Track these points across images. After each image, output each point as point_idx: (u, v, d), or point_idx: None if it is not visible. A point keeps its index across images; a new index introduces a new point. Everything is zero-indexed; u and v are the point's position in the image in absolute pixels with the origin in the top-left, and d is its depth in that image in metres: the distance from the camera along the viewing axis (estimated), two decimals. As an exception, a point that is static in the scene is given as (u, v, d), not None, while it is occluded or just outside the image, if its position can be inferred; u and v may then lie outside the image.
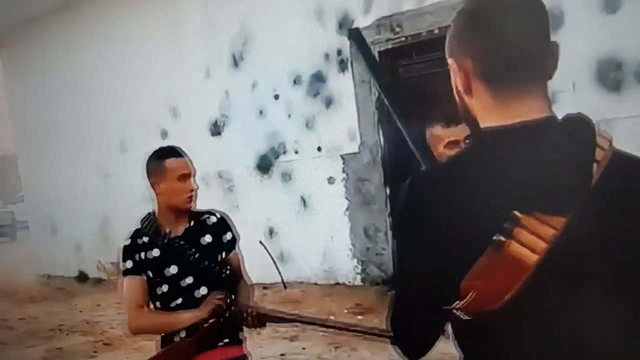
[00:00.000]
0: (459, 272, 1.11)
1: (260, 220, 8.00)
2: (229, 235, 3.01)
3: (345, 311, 6.36)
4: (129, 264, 2.85)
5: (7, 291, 10.51)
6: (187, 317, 2.73)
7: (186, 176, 3.04)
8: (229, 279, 2.91)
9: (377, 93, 6.74)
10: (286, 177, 7.74)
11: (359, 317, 6.11)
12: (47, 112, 10.85)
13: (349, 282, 7.18)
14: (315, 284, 7.47)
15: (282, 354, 5.42)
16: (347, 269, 7.22)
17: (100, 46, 9.72)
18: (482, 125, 1.21)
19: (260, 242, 7.91)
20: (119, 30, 9.41)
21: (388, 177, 6.76)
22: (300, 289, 7.42)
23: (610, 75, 5.29)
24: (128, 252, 2.88)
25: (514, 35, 1.16)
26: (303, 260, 7.60)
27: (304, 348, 5.51)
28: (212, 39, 8.32)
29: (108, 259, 10.18)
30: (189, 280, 2.82)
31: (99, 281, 10.21)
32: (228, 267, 2.92)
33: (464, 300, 1.11)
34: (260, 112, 7.93)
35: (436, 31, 6.17)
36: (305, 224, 7.58)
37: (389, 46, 6.63)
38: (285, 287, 7.55)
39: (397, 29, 6.49)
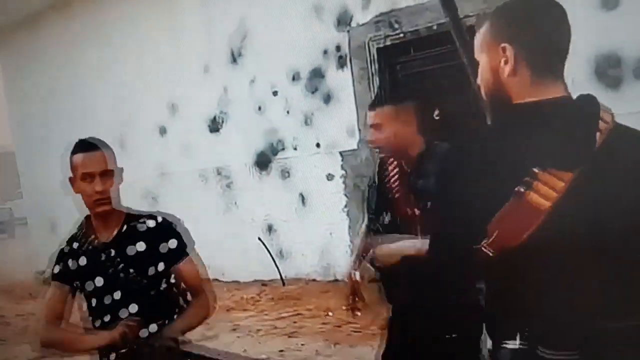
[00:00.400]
0: (486, 218, 1.42)
1: (259, 217, 8.02)
2: (172, 244, 2.55)
3: (344, 308, 6.36)
4: (56, 269, 2.57)
5: (4, 288, 10.53)
6: (91, 340, 2.41)
7: (90, 175, 2.55)
8: (166, 296, 2.48)
9: (375, 89, 6.75)
10: (285, 173, 7.75)
11: (358, 313, 6.12)
12: (45, 109, 10.85)
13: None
14: (314, 280, 7.49)
15: (280, 350, 5.42)
16: (346, 266, 7.21)
17: (99, 43, 9.71)
18: (516, 100, 1.52)
19: (259, 239, 7.98)
20: (117, 27, 9.41)
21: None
22: (299, 285, 7.44)
23: (609, 71, 5.29)
24: (60, 256, 2.61)
25: (556, 32, 1.54)
26: (302, 257, 7.62)
27: (302, 344, 5.53)
28: (211, 35, 8.33)
29: (106, 255, 10.22)
30: (117, 295, 2.44)
31: (97, 278, 10.22)
32: (168, 281, 2.49)
33: (490, 239, 1.42)
34: (259, 108, 7.93)
35: (435, 27, 6.17)
36: (304, 221, 7.59)
37: (388, 43, 6.63)
38: (284, 283, 7.59)
39: (396, 26, 6.49)
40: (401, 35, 6.50)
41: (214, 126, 8.49)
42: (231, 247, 8.32)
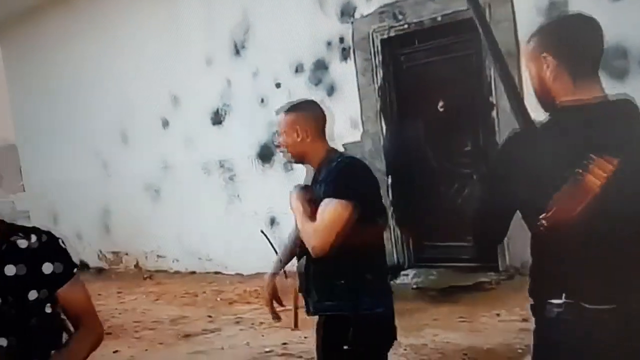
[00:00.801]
0: (543, 199, 1.72)
1: (262, 210, 8.02)
2: (55, 267, 2.04)
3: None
4: None
5: (7, 281, 10.55)
6: None
7: None
8: (52, 323, 2.04)
9: (379, 82, 6.75)
10: (288, 166, 7.74)
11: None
12: (48, 102, 10.86)
13: (350, 270, 7.20)
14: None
15: (283, 343, 5.43)
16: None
17: (101, 35, 9.71)
18: (559, 101, 1.86)
19: (262, 232, 7.91)
20: (119, 20, 9.42)
21: (390, 167, 6.76)
22: (302, 278, 7.44)
23: (615, 63, 5.28)
24: None
25: (589, 42, 1.86)
26: (304, 249, 7.62)
27: (305, 337, 5.53)
28: (214, 27, 8.33)
29: (109, 248, 10.25)
30: None
31: (99, 271, 10.25)
32: (53, 306, 2.03)
33: (549, 213, 1.71)
34: (262, 100, 7.93)
35: (439, 19, 6.18)
36: (307, 213, 7.58)
37: (392, 34, 6.62)
38: (286, 277, 7.57)
39: (400, 17, 6.48)
40: (405, 26, 6.50)
41: (217, 119, 8.50)
42: (234, 240, 8.33)
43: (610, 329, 1.77)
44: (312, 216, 2.60)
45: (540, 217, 1.73)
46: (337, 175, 2.58)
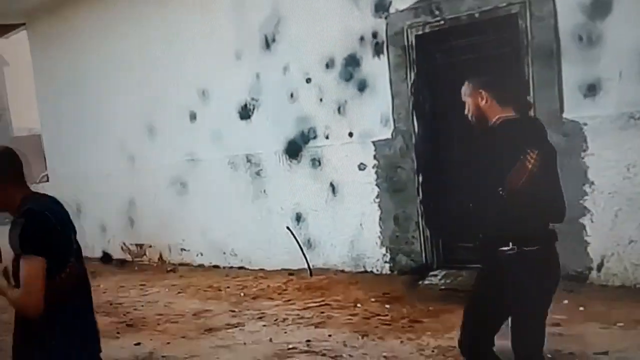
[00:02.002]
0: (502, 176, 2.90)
1: (288, 206, 8.03)
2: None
3: (372, 300, 6.35)
4: None
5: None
6: None
7: None
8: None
9: (413, 78, 6.69)
10: (316, 162, 7.73)
11: (387, 305, 6.10)
12: (74, 93, 10.97)
13: (377, 270, 7.16)
14: (342, 271, 7.47)
15: (307, 340, 5.42)
16: (376, 257, 7.20)
17: (130, 27, 9.80)
18: (492, 118, 3.08)
19: (287, 228, 7.97)
20: (148, 12, 9.49)
21: (420, 165, 6.72)
22: (327, 276, 7.43)
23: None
24: None
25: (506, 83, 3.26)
26: (331, 247, 7.61)
27: (330, 335, 5.51)
28: (244, 20, 8.34)
29: (133, 240, 10.31)
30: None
31: (122, 263, 10.34)
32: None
33: (506, 185, 2.89)
34: (291, 95, 7.92)
35: (477, 15, 6.11)
36: (334, 211, 7.57)
37: (427, 30, 6.57)
38: (311, 274, 7.58)
39: (436, 12, 6.43)
40: (441, 22, 6.44)
41: (245, 113, 8.50)
42: (259, 235, 8.36)
43: (538, 262, 2.94)
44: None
45: (500, 188, 2.87)
46: (22, 230, 2.63)
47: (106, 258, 10.67)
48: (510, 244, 2.89)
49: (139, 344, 5.83)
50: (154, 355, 5.51)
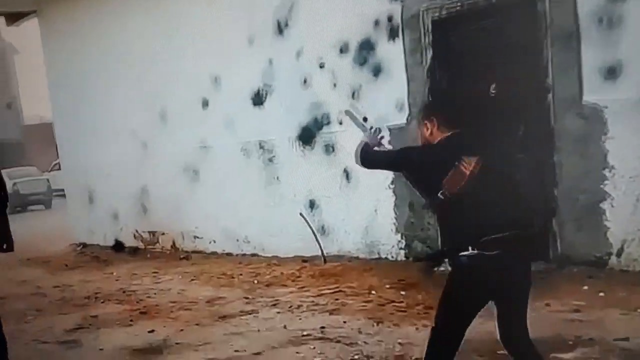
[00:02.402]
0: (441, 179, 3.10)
1: (301, 193, 8.03)
2: None
3: (387, 286, 6.34)
4: None
5: (41, 259, 10.75)
6: None
7: None
8: None
9: (428, 62, 6.64)
10: (329, 148, 7.72)
11: (402, 292, 6.09)
12: (85, 80, 11.00)
13: (392, 257, 7.15)
14: (357, 258, 7.46)
15: (322, 327, 5.42)
16: (391, 244, 7.18)
17: (141, 13, 9.80)
18: (437, 139, 3.28)
19: (301, 215, 7.98)
20: (159, -3, 9.47)
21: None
22: (341, 262, 7.43)
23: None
24: None
25: (449, 111, 3.42)
26: (345, 234, 7.60)
27: (344, 322, 5.52)
28: (256, 5, 8.32)
29: (145, 228, 10.34)
30: None
31: (135, 250, 10.39)
32: None
33: (444, 189, 3.07)
34: (304, 81, 7.90)
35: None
36: (347, 197, 7.56)
37: (444, 13, 6.51)
38: (325, 260, 7.58)
39: (453, -5, 6.38)
40: (459, 5, 6.39)
41: (258, 99, 8.49)
42: (272, 222, 8.37)
43: (498, 266, 3.00)
44: None
45: (440, 191, 3.07)
46: None
47: (118, 246, 10.72)
48: (470, 248, 3.01)
49: (152, 331, 5.86)
50: (167, 342, 5.52)
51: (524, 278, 3.14)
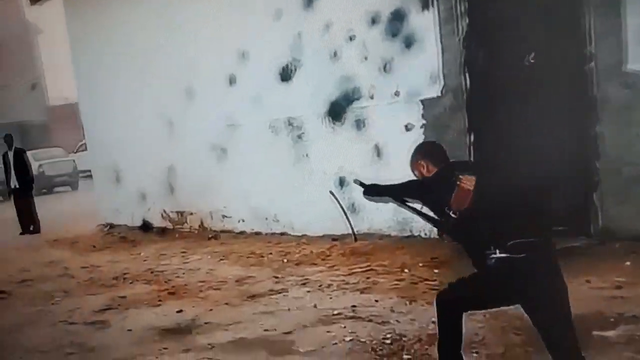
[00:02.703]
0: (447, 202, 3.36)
1: (331, 170, 8.02)
2: None
3: (420, 264, 6.31)
4: None
5: (69, 240, 10.92)
6: None
7: None
8: None
9: (463, 32, 6.54)
10: (360, 124, 7.68)
11: (435, 270, 6.06)
12: (110, 59, 11.07)
13: (425, 234, 7.10)
14: (388, 236, 7.44)
15: (353, 306, 5.43)
16: (422, 221, 7.13)
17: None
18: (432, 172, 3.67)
19: (331, 192, 7.88)
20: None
21: (472, 124, 6.61)
22: (372, 240, 7.41)
23: None
24: None
25: (439, 151, 3.79)
26: (376, 211, 7.57)
27: (376, 300, 5.51)
28: (284, -23, 8.26)
29: (173, 208, 10.43)
30: None
31: (163, 231, 10.49)
32: None
33: (454, 208, 3.32)
34: (334, 54, 7.86)
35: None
36: (379, 174, 7.48)
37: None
38: (355, 239, 7.56)
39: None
40: (494, -29, 6.28)
41: (286, 75, 8.47)
42: (301, 200, 8.38)
43: (524, 269, 3.17)
44: None
45: (447, 209, 3.31)
46: None
47: (146, 226, 10.83)
48: (497, 251, 3.20)
49: (180, 311, 5.91)
50: (196, 322, 5.58)
51: (555, 282, 3.24)
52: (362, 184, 3.93)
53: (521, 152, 5.72)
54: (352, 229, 7.72)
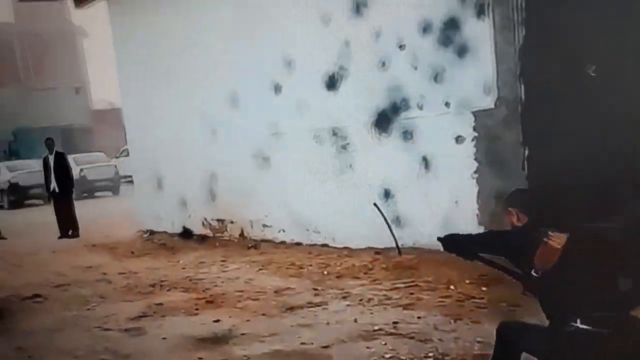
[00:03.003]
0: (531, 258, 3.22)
1: (375, 182, 7.96)
2: None
3: (467, 281, 6.19)
4: None
5: (107, 245, 11.05)
6: None
7: None
8: None
9: (521, 41, 6.40)
10: (407, 135, 7.60)
11: (483, 288, 5.93)
12: (154, 63, 11.22)
13: (475, 250, 6.95)
14: (436, 250, 7.26)
15: (394, 322, 5.35)
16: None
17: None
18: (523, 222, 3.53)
19: (374, 205, 7.85)
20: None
21: (527, 137, 6.45)
22: (417, 255, 7.29)
23: None
24: None
25: (528, 199, 3.74)
26: (421, 225, 7.46)
27: (419, 317, 5.42)
28: (333, -16, 8.25)
29: (214, 216, 10.47)
30: None
31: (203, 238, 10.54)
32: None
33: (537, 266, 3.18)
34: (383, 64, 7.80)
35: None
36: (426, 187, 7.42)
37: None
38: (400, 252, 7.44)
39: (549, -33, 6.15)
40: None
41: (332, 83, 8.45)
42: (344, 211, 8.32)
43: (607, 349, 2.97)
44: None
45: (532, 270, 3.16)
46: None
47: (186, 233, 10.89)
48: (579, 320, 3.04)
49: (218, 320, 5.91)
50: (232, 332, 5.57)
51: None
52: (439, 239, 3.80)
53: (577, 169, 5.58)
54: (396, 242, 7.60)
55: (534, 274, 3.14)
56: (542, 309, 3.31)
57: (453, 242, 3.74)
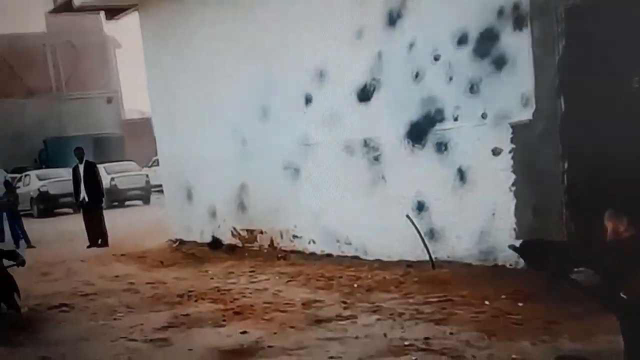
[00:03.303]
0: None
1: (409, 194, 7.89)
2: None
3: (503, 297, 6.07)
4: None
5: (136, 255, 11.11)
6: None
7: None
8: None
9: (560, 53, 6.31)
10: (442, 147, 7.53)
11: (519, 304, 5.82)
12: (185, 74, 11.32)
13: (510, 264, 6.83)
14: (469, 265, 7.22)
15: (426, 338, 5.25)
16: (510, 251, 6.88)
17: (242, 5, 9.94)
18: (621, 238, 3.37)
19: (407, 217, 7.82)
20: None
21: (567, 151, 6.35)
22: (450, 269, 7.21)
23: None
24: None
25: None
26: (456, 238, 7.38)
27: (451, 333, 5.33)
28: (366, -5, 8.24)
29: (243, 226, 10.48)
30: None
31: (232, 248, 10.54)
32: None
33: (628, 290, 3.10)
34: (416, 75, 7.76)
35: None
36: (461, 200, 7.34)
37: (578, 1, 6.21)
38: (433, 266, 7.39)
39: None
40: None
41: (364, 95, 8.42)
42: (376, 224, 8.27)
43: None
44: None
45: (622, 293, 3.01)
46: None
47: (216, 243, 10.90)
48: None
49: (245, 332, 5.88)
50: (260, 344, 5.53)
51: None
52: (513, 247, 3.64)
53: (619, 185, 5.46)
54: (429, 255, 7.58)
55: (623, 295, 2.99)
56: (621, 333, 3.17)
57: (539, 255, 3.43)
